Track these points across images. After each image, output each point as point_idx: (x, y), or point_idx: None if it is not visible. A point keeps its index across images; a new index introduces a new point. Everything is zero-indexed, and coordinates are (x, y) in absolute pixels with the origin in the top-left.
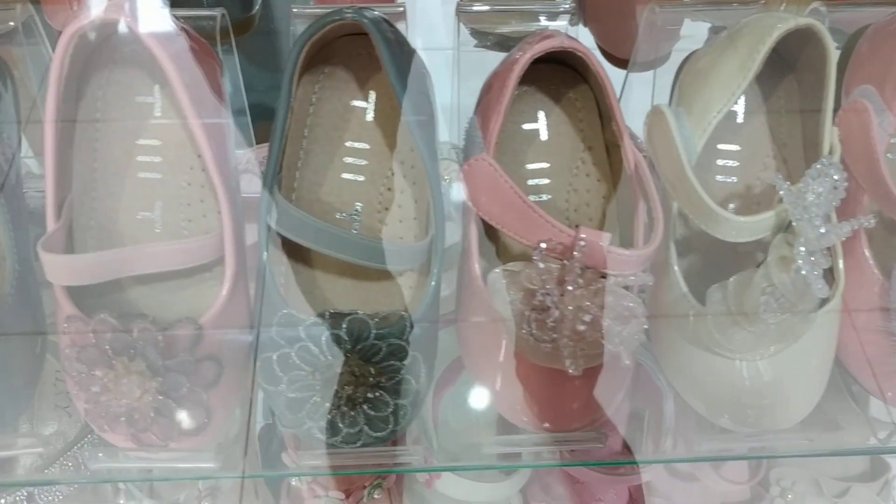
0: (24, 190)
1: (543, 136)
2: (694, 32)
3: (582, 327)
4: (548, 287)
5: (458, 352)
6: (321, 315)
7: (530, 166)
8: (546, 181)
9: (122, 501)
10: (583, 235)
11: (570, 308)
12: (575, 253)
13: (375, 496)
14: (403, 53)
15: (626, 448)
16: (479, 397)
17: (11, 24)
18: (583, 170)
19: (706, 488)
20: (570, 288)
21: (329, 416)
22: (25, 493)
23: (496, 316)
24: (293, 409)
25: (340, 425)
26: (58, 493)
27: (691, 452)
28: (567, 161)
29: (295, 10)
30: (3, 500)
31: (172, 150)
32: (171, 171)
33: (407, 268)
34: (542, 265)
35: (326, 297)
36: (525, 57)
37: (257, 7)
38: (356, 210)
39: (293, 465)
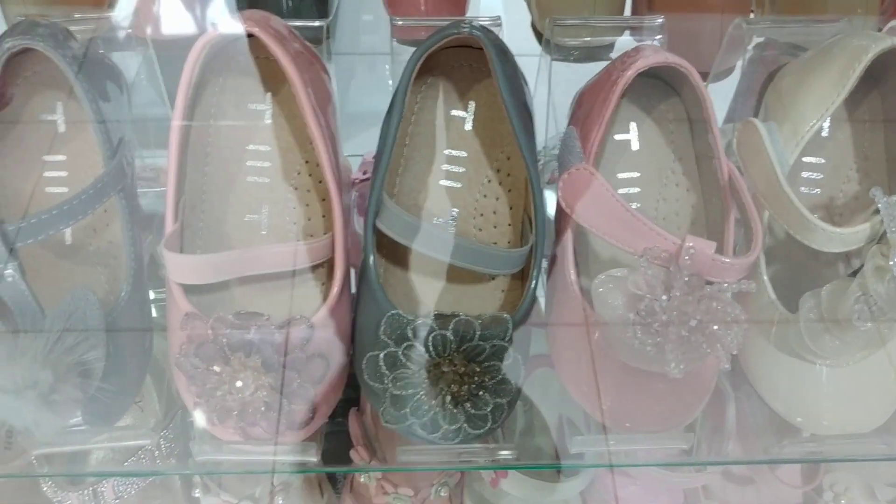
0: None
1: (635, 146)
2: None
3: (687, 332)
4: (655, 293)
5: None
6: (428, 316)
7: (621, 175)
8: (636, 190)
9: (197, 494)
10: (691, 244)
11: (677, 313)
12: (685, 259)
13: (442, 494)
14: (511, 65)
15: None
16: (549, 397)
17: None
18: (672, 180)
19: (761, 492)
20: (677, 294)
21: (431, 414)
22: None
23: (595, 319)
24: (397, 405)
25: (442, 422)
26: (134, 485)
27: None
28: (657, 171)
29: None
30: (74, 494)
31: (281, 154)
32: (279, 175)
33: (506, 272)
34: (649, 272)
35: (421, 299)
36: (629, 72)
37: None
38: (452, 215)
39: (361, 462)
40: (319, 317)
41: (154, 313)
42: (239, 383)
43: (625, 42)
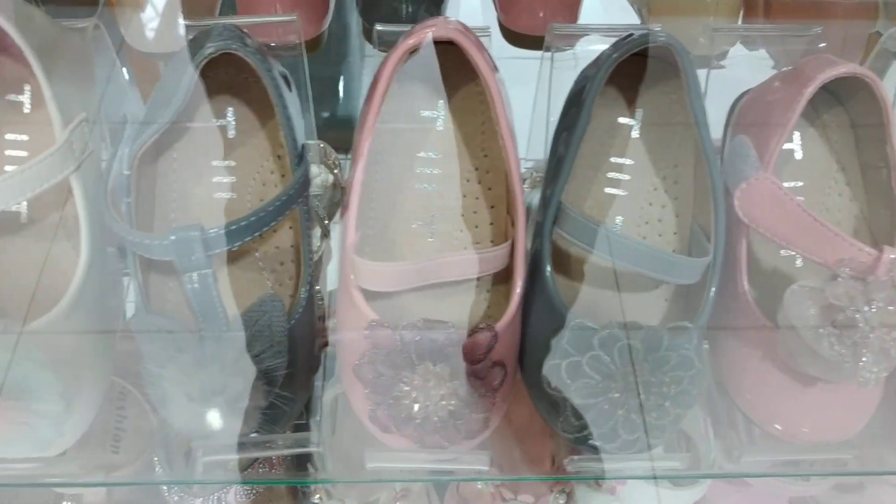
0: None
1: (798, 155)
2: None
3: (890, 343)
4: (856, 304)
5: None
6: (616, 325)
7: (786, 185)
8: (800, 199)
9: (316, 500)
10: (894, 255)
11: (878, 324)
12: (888, 270)
13: (560, 502)
14: (695, 75)
15: None
16: None
17: None
18: (835, 189)
19: (869, 497)
20: (880, 304)
21: (610, 424)
22: (216, 497)
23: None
24: (578, 415)
25: (620, 432)
26: (253, 491)
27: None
28: (820, 181)
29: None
30: (198, 500)
31: (450, 161)
32: (446, 183)
33: (684, 281)
34: (848, 283)
35: (595, 308)
36: (814, 85)
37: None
38: (617, 224)
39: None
40: (502, 324)
41: None
42: (425, 391)
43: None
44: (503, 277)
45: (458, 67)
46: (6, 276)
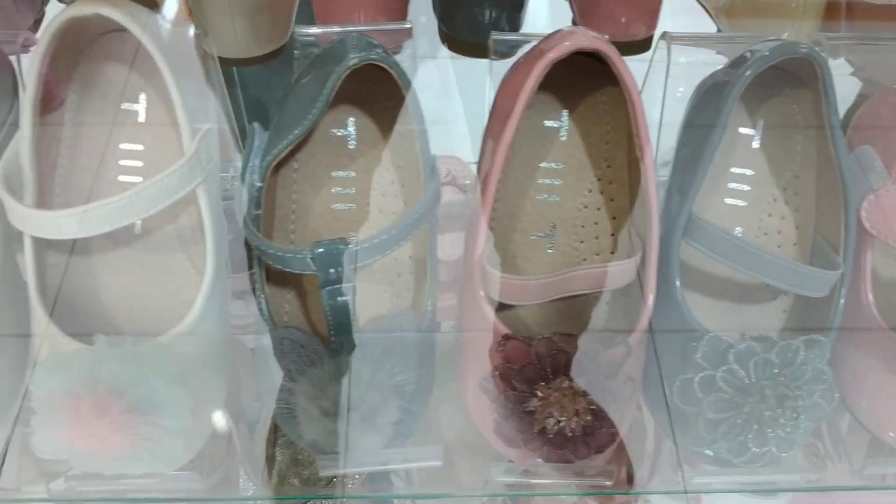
0: None
1: None
2: None
3: None
4: None
5: None
6: (750, 339)
7: None
8: None
9: None
10: None
11: None
12: None
13: None
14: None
15: None
16: None
17: None
18: None
19: None
20: None
21: (741, 437)
22: None
23: None
24: (709, 429)
25: (750, 445)
26: None
27: None
28: None
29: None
30: None
31: (572, 172)
32: (569, 193)
33: (813, 293)
34: None
35: (717, 319)
36: None
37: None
38: (736, 234)
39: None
40: (634, 339)
41: None
42: (560, 406)
43: None
44: (623, 289)
45: (584, 77)
46: (124, 290)
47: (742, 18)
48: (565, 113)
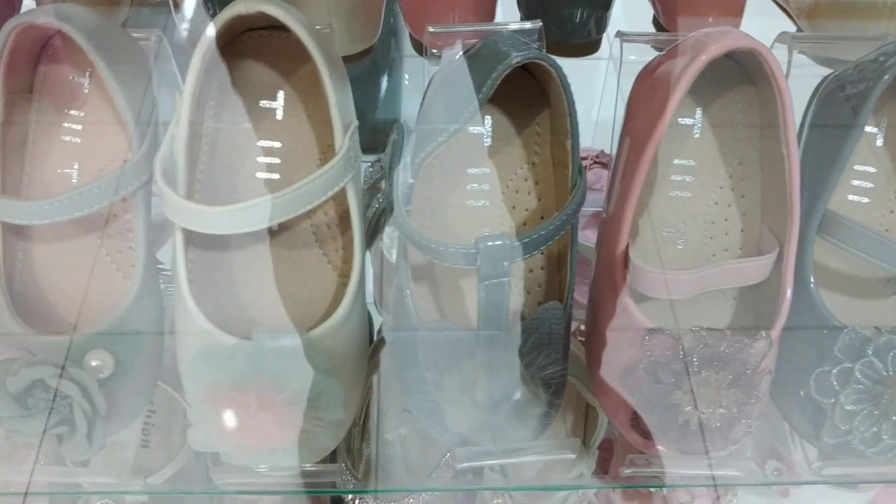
0: None
1: None
2: None
3: None
4: None
5: None
6: (888, 332)
7: None
8: None
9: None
10: None
11: None
12: None
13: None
14: None
15: None
16: None
17: None
18: None
19: None
20: None
21: (874, 429)
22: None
23: None
24: (844, 421)
25: (884, 437)
26: None
27: None
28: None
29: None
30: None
31: (704, 169)
32: (701, 190)
33: None
34: None
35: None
36: None
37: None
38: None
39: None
40: (775, 332)
41: None
42: (706, 399)
43: None
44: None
45: (717, 75)
46: (262, 285)
47: (825, 19)
48: (699, 111)
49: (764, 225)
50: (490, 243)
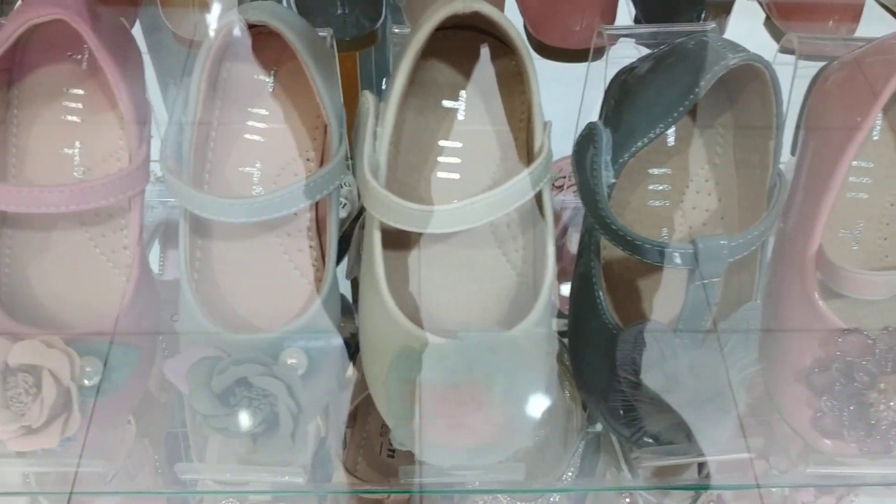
0: None
1: None
2: None
3: None
4: None
5: None
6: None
7: None
8: None
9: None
10: None
11: None
12: None
13: None
14: None
15: None
16: None
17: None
18: None
19: None
20: None
21: None
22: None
23: None
24: None
25: None
26: None
27: None
28: None
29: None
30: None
31: (882, 171)
32: (878, 191)
33: None
34: None
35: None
36: None
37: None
38: None
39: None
40: None
41: None
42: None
43: None
44: None
45: None
46: (441, 284)
47: None
48: (881, 114)
49: None
50: (708, 243)
